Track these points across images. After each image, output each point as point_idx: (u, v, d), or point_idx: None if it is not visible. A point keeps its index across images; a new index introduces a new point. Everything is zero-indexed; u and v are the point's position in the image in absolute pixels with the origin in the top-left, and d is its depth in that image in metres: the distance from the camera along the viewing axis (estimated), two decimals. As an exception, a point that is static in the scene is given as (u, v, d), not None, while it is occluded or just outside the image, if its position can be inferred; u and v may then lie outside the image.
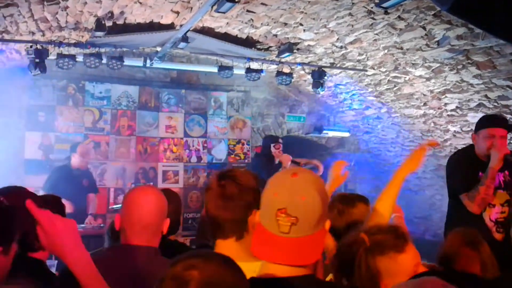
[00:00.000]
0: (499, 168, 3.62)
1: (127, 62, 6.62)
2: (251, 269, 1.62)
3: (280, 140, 6.96)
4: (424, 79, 6.13)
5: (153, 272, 1.64)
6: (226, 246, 1.85)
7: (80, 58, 6.07)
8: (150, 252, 2.04)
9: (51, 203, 2.49)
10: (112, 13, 5.24)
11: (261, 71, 6.92)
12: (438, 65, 5.64)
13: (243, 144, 8.26)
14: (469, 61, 5.24)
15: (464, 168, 3.80)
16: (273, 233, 1.42)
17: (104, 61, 6.19)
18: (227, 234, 1.86)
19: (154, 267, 1.89)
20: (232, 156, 8.17)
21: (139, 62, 7.05)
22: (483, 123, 3.81)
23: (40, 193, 5.70)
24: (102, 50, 6.14)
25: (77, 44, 6.03)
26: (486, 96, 5.70)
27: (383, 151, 8.93)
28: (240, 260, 1.79)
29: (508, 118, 3.91)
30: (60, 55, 5.88)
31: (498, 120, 3.86)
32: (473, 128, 6.31)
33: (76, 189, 5.86)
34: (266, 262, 1.48)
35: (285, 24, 5.55)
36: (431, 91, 6.33)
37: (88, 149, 6.47)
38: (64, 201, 2.84)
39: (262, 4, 4.99)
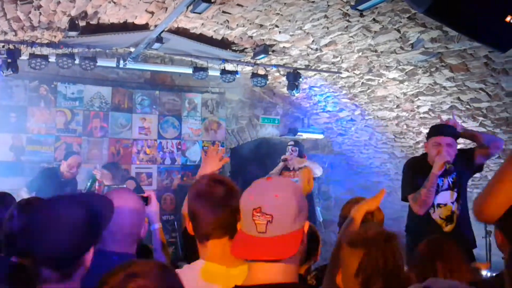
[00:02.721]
0: (441, 174, 3.91)
1: (100, 62, 6.53)
2: (242, 272, 1.62)
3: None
4: (398, 82, 6.20)
5: None
6: (220, 246, 1.88)
7: (52, 59, 5.96)
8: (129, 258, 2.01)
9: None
10: (85, 13, 5.16)
11: (236, 72, 6.91)
12: (411, 67, 5.72)
13: (217, 146, 8.22)
14: (442, 63, 5.32)
15: (413, 173, 4.14)
16: (252, 234, 1.45)
17: (77, 61, 6.10)
18: (220, 234, 1.89)
19: None
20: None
21: (112, 63, 6.96)
22: (431, 132, 4.12)
23: (24, 191, 5.70)
24: (75, 50, 6.06)
25: (49, 44, 5.92)
26: (458, 98, 5.80)
27: (356, 153, 9.02)
28: (233, 264, 1.81)
29: (460, 124, 4.20)
30: (33, 55, 5.77)
31: (444, 129, 4.06)
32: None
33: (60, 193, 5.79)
34: (251, 269, 1.50)
35: (261, 25, 5.55)
36: (404, 94, 6.42)
37: (79, 162, 6.34)
38: None
39: (238, 5, 4.98)
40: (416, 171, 4.12)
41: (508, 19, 2.71)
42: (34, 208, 1.51)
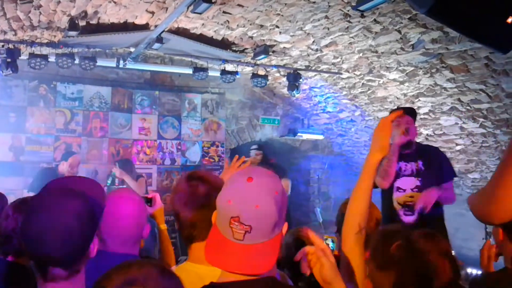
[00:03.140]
0: (402, 144, 3.95)
1: (100, 62, 6.53)
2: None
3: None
4: (398, 83, 6.19)
5: None
6: (203, 248, 1.81)
7: (52, 58, 5.96)
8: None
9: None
10: (86, 12, 5.15)
11: (236, 73, 6.90)
12: (412, 68, 5.71)
13: (217, 146, 8.21)
14: (443, 64, 5.31)
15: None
16: (227, 238, 1.39)
17: (77, 61, 6.09)
18: (204, 235, 1.80)
19: None
20: (206, 158, 8.11)
21: (112, 63, 6.95)
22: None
23: (24, 192, 5.73)
24: (75, 50, 6.05)
25: (49, 44, 5.91)
26: (459, 99, 5.79)
27: (356, 154, 9.01)
28: None
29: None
30: (32, 55, 5.76)
31: (403, 108, 4.40)
32: (446, 131, 6.47)
33: None
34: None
35: (261, 26, 5.54)
36: (405, 95, 6.41)
37: (79, 161, 6.38)
38: None
39: (239, 5, 4.97)
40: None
41: (509, 20, 2.70)
42: (32, 207, 1.47)
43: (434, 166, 4.05)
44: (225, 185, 1.47)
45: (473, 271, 5.01)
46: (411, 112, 4.19)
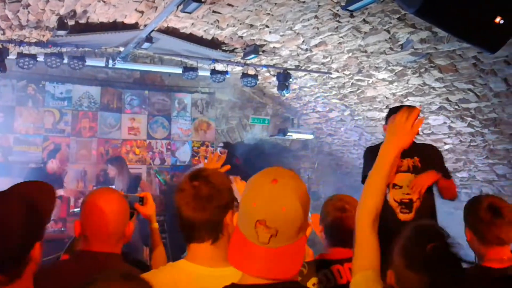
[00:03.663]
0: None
1: (89, 62, 6.49)
2: (226, 274, 1.59)
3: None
4: (387, 82, 6.22)
5: None
6: (201, 250, 1.81)
7: (41, 58, 5.90)
8: (115, 259, 2.01)
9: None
10: (74, 11, 5.12)
11: (226, 72, 6.90)
12: (401, 68, 5.74)
13: (207, 146, 8.21)
14: (431, 64, 5.34)
15: (373, 157, 3.98)
16: (252, 241, 1.36)
17: (66, 61, 6.04)
18: (203, 237, 1.81)
19: None
20: (196, 158, 8.10)
21: (101, 62, 6.92)
22: (391, 112, 4.06)
23: None
24: (64, 49, 6.00)
25: (38, 43, 5.87)
26: (447, 99, 5.83)
27: (346, 153, 9.05)
28: (216, 265, 1.78)
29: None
30: (21, 55, 5.71)
31: (405, 106, 4.13)
32: (434, 131, 6.51)
33: None
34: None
35: (251, 25, 5.55)
36: (394, 94, 6.44)
37: (67, 156, 6.37)
38: None
39: (229, 5, 4.97)
40: (376, 154, 4.08)
41: (497, 20, 2.73)
42: None
43: (432, 163, 4.05)
44: (248, 187, 1.43)
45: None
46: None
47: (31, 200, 1.52)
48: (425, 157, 4.04)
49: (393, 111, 4.23)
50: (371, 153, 4.23)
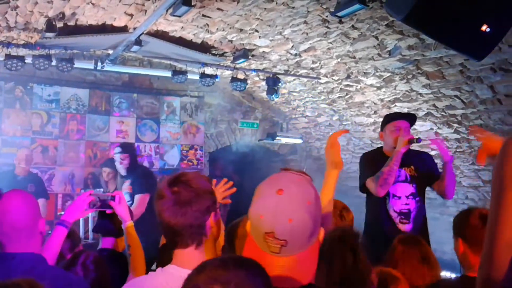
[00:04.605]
0: (404, 152, 3.89)
1: (78, 64, 6.46)
2: None
3: None
4: (375, 88, 6.27)
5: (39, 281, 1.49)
6: (186, 256, 1.80)
7: (29, 60, 5.88)
8: (35, 260, 2.00)
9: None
10: (63, 14, 5.10)
11: (215, 76, 6.90)
12: (389, 74, 5.78)
13: (196, 150, 8.20)
14: (419, 71, 5.39)
15: (370, 163, 4.12)
16: (264, 251, 1.36)
17: (54, 63, 6.01)
18: (186, 242, 1.79)
19: (39, 275, 1.81)
20: (185, 161, 8.09)
21: (90, 65, 6.88)
22: (388, 119, 4.17)
23: None
24: (52, 51, 5.98)
25: (26, 45, 5.84)
26: (434, 105, 5.88)
27: (334, 158, 9.06)
28: None
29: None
30: (9, 56, 5.68)
31: (401, 114, 4.34)
32: (421, 136, 6.56)
33: None
34: None
35: (241, 30, 5.56)
36: (382, 100, 6.49)
37: (28, 155, 6.26)
38: None
39: (218, 9, 4.98)
40: (373, 161, 4.10)
41: (483, 28, 2.77)
42: None
43: (427, 169, 4.09)
44: (255, 198, 1.41)
45: (447, 274, 5.08)
46: (411, 117, 4.21)
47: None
48: (420, 165, 4.07)
49: (389, 116, 4.25)
50: (367, 159, 4.26)
